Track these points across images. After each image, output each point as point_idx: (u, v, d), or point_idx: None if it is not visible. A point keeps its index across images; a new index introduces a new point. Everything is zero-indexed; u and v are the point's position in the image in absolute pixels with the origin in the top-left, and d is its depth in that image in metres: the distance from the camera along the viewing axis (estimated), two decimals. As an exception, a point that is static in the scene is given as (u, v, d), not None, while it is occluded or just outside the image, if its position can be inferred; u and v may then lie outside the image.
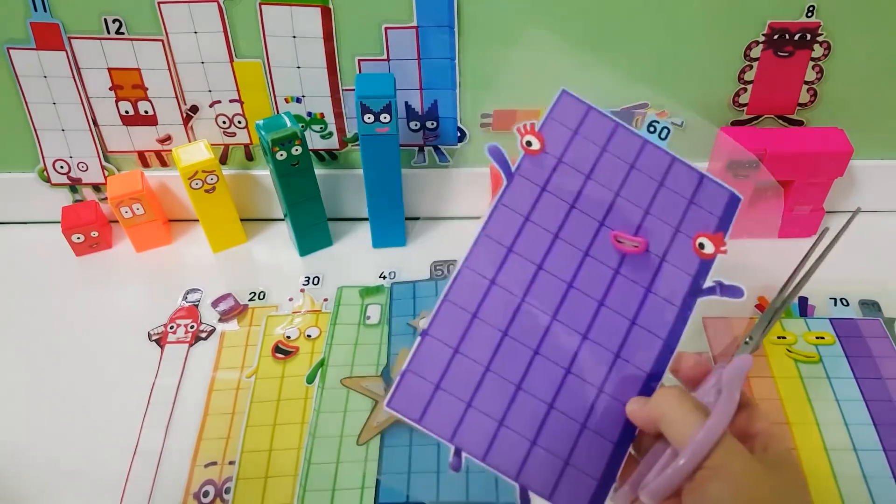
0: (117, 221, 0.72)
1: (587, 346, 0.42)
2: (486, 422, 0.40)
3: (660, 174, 0.46)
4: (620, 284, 0.43)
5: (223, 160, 0.72)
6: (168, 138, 0.71)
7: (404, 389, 0.40)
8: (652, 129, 0.50)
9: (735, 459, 0.36)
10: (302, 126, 0.66)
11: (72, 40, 0.64)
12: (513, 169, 0.45)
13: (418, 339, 0.41)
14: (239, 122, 0.70)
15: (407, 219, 0.73)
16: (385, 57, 0.64)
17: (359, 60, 0.65)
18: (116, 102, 0.68)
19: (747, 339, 0.46)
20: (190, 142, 0.71)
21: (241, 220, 0.73)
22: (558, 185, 0.45)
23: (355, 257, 0.72)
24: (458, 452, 0.40)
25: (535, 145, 0.45)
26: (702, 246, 0.45)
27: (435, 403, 0.40)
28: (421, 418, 0.40)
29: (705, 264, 0.45)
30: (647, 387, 0.42)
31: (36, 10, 0.63)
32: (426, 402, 0.40)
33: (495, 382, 0.41)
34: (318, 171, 0.69)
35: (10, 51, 0.65)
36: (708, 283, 0.44)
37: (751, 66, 0.65)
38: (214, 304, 0.68)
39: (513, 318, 0.42)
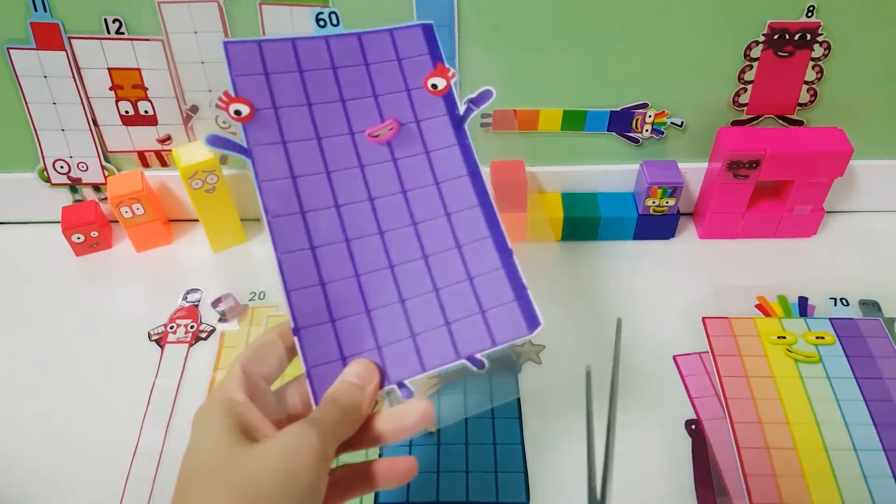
0: (117, 221, 0.72)
1: (421, 228, 0.44)
2: (400, 345, 0.42)
3: (359, 56, 0.47)
4: (404, 165, 0.45)
5: (223, 160, 0.72)
6: (168, 138, 0.71)
7: (318, 384, 0.40)
8: (321, 22, 0.53)
9: None
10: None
11: (72, 40, 0.64)
12: (244, 144, 0.44)
13: (295, 339, 0.41)
14: (239, 122, 0.70)
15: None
16: (385, 57, 0.64)
17: (359, 60, 0.65)
18: (116, 102, 0.68)
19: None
20: (190, 142, 0.71)
21: (242, 219, 0.73)
22: (291, 129, 0.45)
23: (355, 257, 0.72)
24: (401, 385, 0.41)
25: (245, 110, 0.44)
26: (434, 86, 0.47)
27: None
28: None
29: (449, 97, 0.47)
30: (487, 212, 0.45)
31: (36, 10, 0.63)
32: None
33: (383, 314, 0.42)
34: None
35: (10, 51, 0.65)
36: (462, 108, 0.47)
37: (751, 66, 0.65)
38: (214, 304, 0.68)
39: (353, 260, 0.43)
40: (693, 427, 0.57)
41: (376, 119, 0.46)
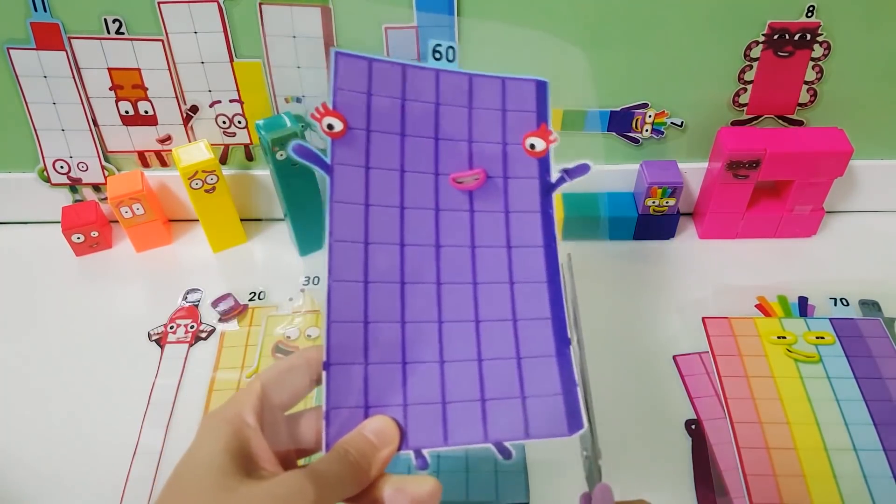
0: (117, 221, 0.72)
1: (480, 290, 0.42)
2: (428, 409, 0.39)
3: (465, 98, 0.45)
4: (481, 220, 0.43)
5: (223, 160, 0.72)
6: (168, 138, 0.71)
7: (335, 428, 0.38)
8: (437, 55, 0.49)
9: None
10: (302, 126, 0.66)
11: (72, 40, 0.64)
12: (328, 160, 0.42)
13: (323, 373, 0.38)
14: (239, 122, 0.70)
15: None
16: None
17: (359, 60, 0.65)
18: (116, 102, 0.68)
19: (585, 454, 0.40)
20: (190, 142, 0.71)
21: (242, 220, 0.73)
22: (379, 156, 0.43)
23: (355, 257, 0.72)
24: (418, 454, 0.38)
25: (338, 126, 0.42)
26: (532, 146, 0.44)
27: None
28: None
29: (544, 161, 0.45)
30: (553, 292, 0.42)
31: (36, 10, 0.63)
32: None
33: (419, 370, 0.40)
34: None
35: (10, 51, 0.65)
36: (555, 176, 0.44)
37: (751, 66, 0.65)
38: (214, 304, 0.68)
39: (403, 305, 0.41)
40: (693, 427, 0.57)
41: (465, 165, 0.44)
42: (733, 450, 0.55)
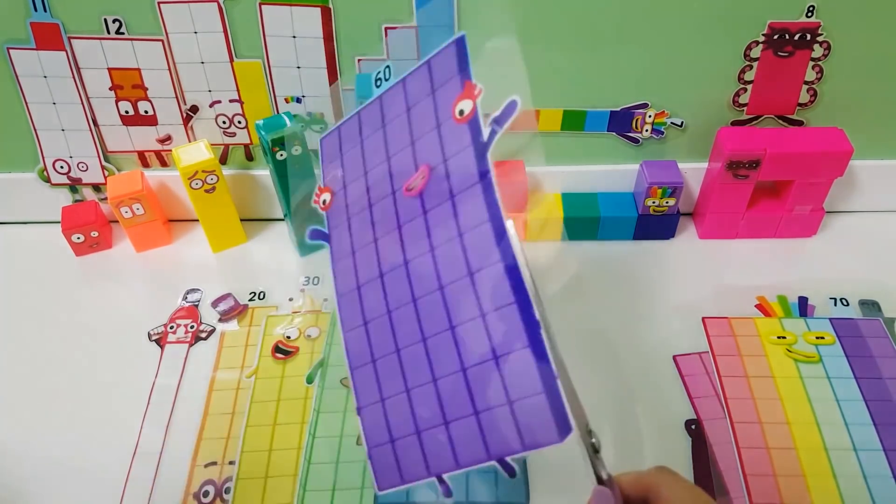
0: (117, 221, 0.72)
1: (448, 293, 0.40)
2: (435, 434, 0.40)
3: (402, 104, 0.44)
4: (433, 219, 0.41)
5: (223, 160, 0.72)
6: (168, 138, 0.71)
7: (379, 467, 0.40)
8: (378, 83, 0.46)
9: None
10: (302, 126, 0.66)
11: (72, 40, 0.64)
12: (327, 231, 0.47)
13: (359, 418, 0.42)
14: (239, 122, 0.70)
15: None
16: (385, 57, 0.64)
17: (359, 60, 0.65)
18: (116, 102, 0.68)
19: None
20: (190, 142, 0.71)
21: (241, 220, 0.73)
22: (352, 203, 0.46)
23: (355, 257, 0.72)
24: (440, 479, 0.39)
25: (328, 198, 0.47)
26: (461, 112, 0.40)
27: (401, 459, 0.41)
28: (402, 479, 0.41)
29: (474, 123, 0.40)
30: (513, 276, 0.38)
31: (36, 10, 0.63)
32: (396, 464, 0.41)
33: (418, 396, 0.41)
34: (318, 171, 0.69)
35: (10, 51, 0.65)
36: (486, 132, 0.40)
37: (751, 66, 0.65)
38: (214, 304, 0.68)
39: (393, 334, 0.42)
40: (693, 427, 0.57)
41: (412, 169, 0.42)
42: (733, 450, 0.55)
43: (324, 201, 0.46)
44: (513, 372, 0.38)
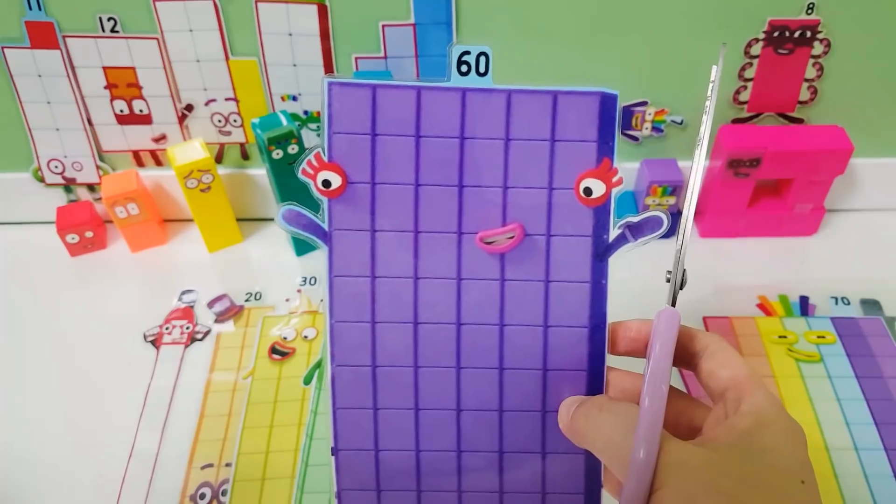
0: (112, 221, 0.72)
1: (507, 376, 0.36)
2: (445, 497, 0.37)
3: (500, 126, 0.34)
4: (514, 292, 0.36)
5: (219, 159, 0.72)
6: (163, 137, 0.70)
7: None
8: (464, 67, 0.34)
9: (677, 474, 0.29)
10: (298, 124, 0.65)
11: (66, 39, 0.64)
12: (325, 226, 0.35)
13: (332, 458, 0.37)
14: (234, 121, 0.69)
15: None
16: (382, 54, 0.64)
17: (356, 58, 0.64)
18: (111, 101, 0.68)
19: (668, 278, 0.36)
20: (185, 141, 0.70)
21: (237, 219, 0.72)
22: (387, 214, 0.35)
23: (353, 257, 0.71)
24: None
25: (336, 181, 0.34)
26: (588, 192, 0.35)
27: None
28: None
29: (601, 212, 0.36)
30: (591, 381, 0.37)
31: (30, 8, 0.62)
32: None
33: (433, 459, 0.37)
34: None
35: (5, 50, 0.64)
36: (614, 234, 0.36)
37: (751, 64, 0.65)
38: (210, 304, 0.67)
39: (416, 391, 0.36)
40: (694, 427, 0.56)
41: (497, 219, 0.35)
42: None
43: (325, 182, 0.34)
44: (555, 468, 0.37)
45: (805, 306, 0.65)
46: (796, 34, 0.63)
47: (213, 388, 0.60)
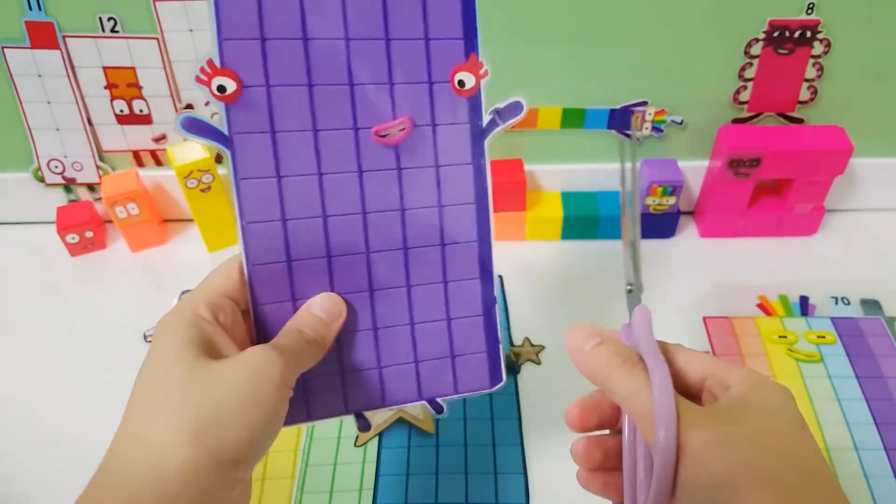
0: (112, 221, 0.72)
1: (411, 254, 0.41)
2: (367, 375, 0.41)
3: (380, 26, 0.37)
4: (409, 178, 0.39)
5: (219, 159, 0.72)
6: (163, 137, 0.70)
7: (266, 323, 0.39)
8: None
9: (693, 435, 0.31)
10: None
11: (66, 39, 0.64)
12: (225, 131, 0.37)
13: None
14: (235, 121, 0.69)
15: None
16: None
17: (356, 58, 0.64)
18: (111, 101, 0.68)
19: (629, 287, 0.42)
20: (185, 141, 0.70)
21: (238, 219, 0.72)
22: (285, 115, 0.37)
23: (353, 257, 0.71)
24: (359, 415, 0.41)
25: (231, 86, 0.36)
26: (461, 83, 0.39)
27: (313, 394, 0.41)
28: (309, 414, 0.41)
29: (475, 100, 0.40)
30: (483, 251, 0.42)
31: (30, 8, 0.62)
32: (305, 399, 0.40)
33: (352, 339, 0.41)
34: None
35: (5, 50, 0.64)
36: (486, 119, 0.40)
37: (751, 64, 0.65)
38: (211, 304, 0.67)
39: (331, 278, 0.39)
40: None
41: (387, 113, 0.38)
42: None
43: (220, 88, 0.35)
44: (460, 332, 0.42)
45: (805, 306, 0.65)
46: (796, 34, 0.63)
47: (213, 388, 0.60)
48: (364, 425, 0.41)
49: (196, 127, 0.36)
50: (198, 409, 0.33)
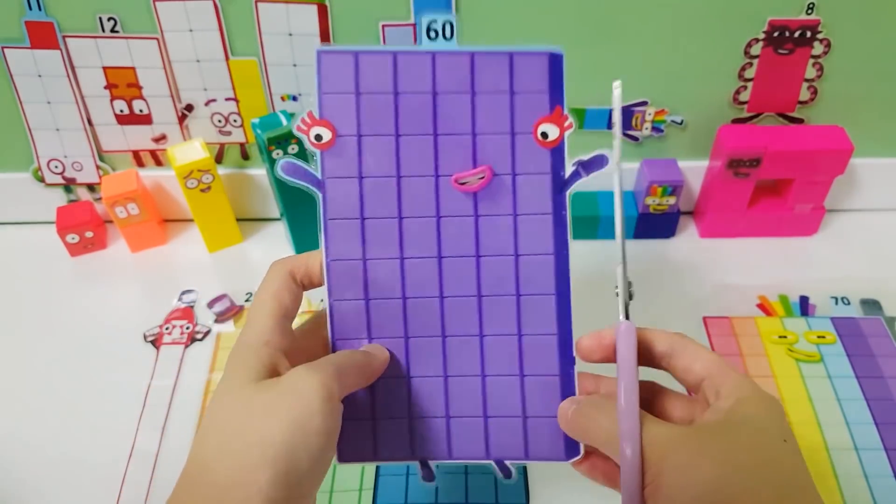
0: (112, 221, 0.72)
1: (485, 302, 0.41)
2: (435, 423, 0.41)
3: (466, 82, 0.40)
4: (486, 225, 0.40)
5: (219, 159, 0.72)
6: (163, 137, 0.70)
7: (346, 440, 0.39)
8: (432, 34, 0.46)
9: (668, 459, 0.33)
10: (298, 125, 0.65)
11: (66, 39, 0.64)
12: (318, 175, 0.40)
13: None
14: (235, 121, 0.69)
15: (405, 218, 0.72)
16: (382, 55, 0.64)
17: (356, 58, 0.64)
18: (111, 101, 0.68)
19: (616, 292, 0.40)
20: (185, 141, 0.70)
21: (237, 219, 0.72)
22: (372, 162, 0.40)
23: (353, 257, 0.71)
24: (424, 464, 0.41)
25: (327, 136, 0.39)
26: (545, 135, 0.40)
27: (381, 435, 0.41)
28: (375, 453, 0.41)
29: (557, 153, 0.41)
30: (561, 306, 0.41)
31: (31, 8, 0.62)
32: (372, 439, 0.41)
33: (423, 385, 0.41)
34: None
35: (5, 50, 0.64)
36: (569, 171, 0.41)
37: (751, 64, 0.64)
38: (210, 304, 0.67)
39: (405, 321, 0.41)
40: (694, 427, 0.56)
41: (468, 162, 0.40)
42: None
43: (317, 136, 0.40)
44: (535, 391, 0.40)
45: (805, 306, 0.65)
46: (796, 34, 0.63)
47: (213, 388, 0.60)
48: (428, 475, 0.41)
49: (295, 171, 0.40)
50: (255, 435, 0.34)
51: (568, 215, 0.41)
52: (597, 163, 0.40)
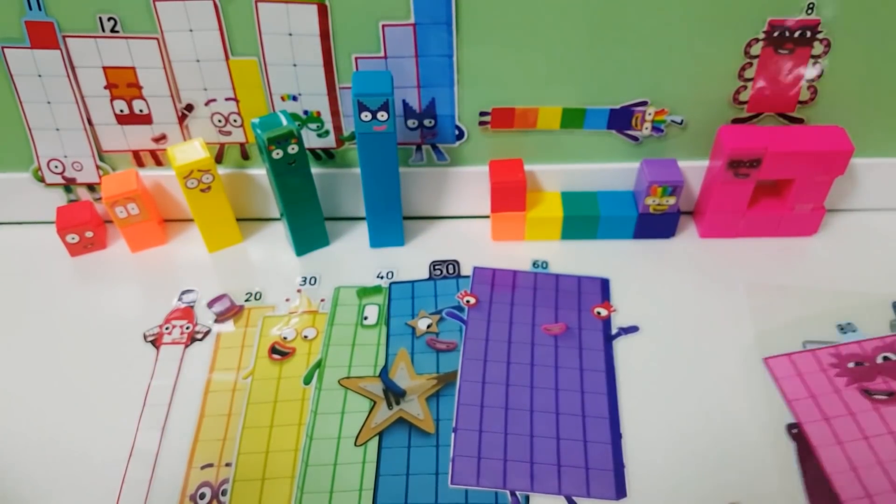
0: (112, 221, 0.71)
1: (562, 394, 0.59)
2: (522, 465, 0.54)
3: (552, 286, 0.67)
4: (563, 352, 0.62)
5: (219, 159, 0.72)
6: (163, 137, 0.70)
7: (458, 469, 0.54)
8: (536, 265, 0.69)
9: None
10: (298, 124, 0.65)
11: (66, 39, 0.64)
12: (465, 319, 0.65)
13: (452, 435, 0.57)
14: (234, 121, 0.69)
15: (405, 218, 0.72)
16: (382, 54, 0.64)
17: (356, 58, 0.64)
18: (111, 101, 0.68)
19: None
20: (185, 140, 0.70)
21: (237, 219, 0.72)
22: (494, 317, 0.65)
23: (353, 257, 0.71)
24: (513, 493, 0.53)
25: (472, 300, 0.66)
26: (599, 313, 0.65)
27: (483, 468, 0.54)
28: (478, 480, 0.54)
29: (607, 322, 0.64)
30: (611, 401, 0.58)
31: (31, 8, 0.62)
32: (477, 469, 0.54)
33: (513, 438, 0.56)
34: (315, 169, 0.69)
35: (5, 50, 0.64)
36: (614, 332, 0.63)
37: (751, 64, 0.64)
38: (210, 304, 0.67)
39: (506, 416, 0.58)
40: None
41: (551, 320, 0.64)
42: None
43: (468, 301, 0.66)
44: (594, 452, 0.56)
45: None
46: (796, 34, 0.63)
47: (213, 388, 0.60)
48: (516, 502, 0.53)
49: (455, 316, 0.65)
50: None
51: (613, 354, 0.62)
52: (632, 329, 0.63)
